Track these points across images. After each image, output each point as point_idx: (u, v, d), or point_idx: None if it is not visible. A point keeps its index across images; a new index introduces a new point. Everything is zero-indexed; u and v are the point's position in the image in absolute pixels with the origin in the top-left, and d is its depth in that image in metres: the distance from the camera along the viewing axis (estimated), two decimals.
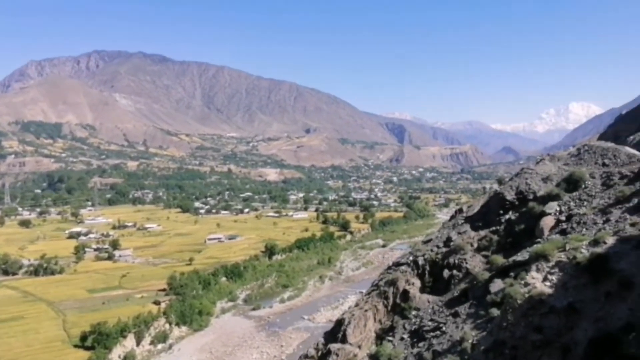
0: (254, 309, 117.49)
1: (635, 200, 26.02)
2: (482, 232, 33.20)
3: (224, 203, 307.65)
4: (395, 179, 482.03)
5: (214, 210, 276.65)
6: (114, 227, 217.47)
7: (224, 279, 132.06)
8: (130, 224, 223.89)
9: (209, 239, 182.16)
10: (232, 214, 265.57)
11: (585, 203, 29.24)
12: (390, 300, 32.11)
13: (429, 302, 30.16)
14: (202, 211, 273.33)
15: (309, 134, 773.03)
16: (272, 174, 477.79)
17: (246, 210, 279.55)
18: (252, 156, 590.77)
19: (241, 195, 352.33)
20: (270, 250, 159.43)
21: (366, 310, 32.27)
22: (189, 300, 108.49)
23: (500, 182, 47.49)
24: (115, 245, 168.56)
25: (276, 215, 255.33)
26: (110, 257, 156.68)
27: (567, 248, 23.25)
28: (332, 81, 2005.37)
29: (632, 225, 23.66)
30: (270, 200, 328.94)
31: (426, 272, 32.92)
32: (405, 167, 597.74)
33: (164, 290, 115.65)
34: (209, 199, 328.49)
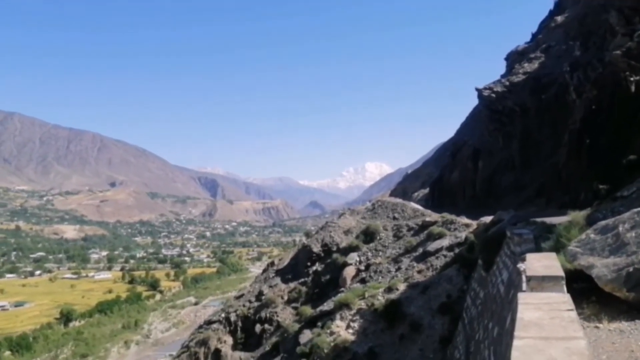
0: None
1: (420, 250, 29.62)
2: (292, 284, 34.37)
3: (10, 265, 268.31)
4: (208, 233, 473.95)
5: None
6: None
7: (7, 352, 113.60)
8: None
9: None
10: (20, 278, 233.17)
11: (381, 253, 32.34)
12: None
13: (241, 359, 29.85)
14: None
15: (114, 187, 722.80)
16: (70, 231, 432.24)
17: (38, 272, 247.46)
18: (46, 212, 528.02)
19: (32, 255, 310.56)
20: (66, 317, 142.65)
21: None
22: None
23: (307, 235, 50.12)
24: None
25: (74, 276, 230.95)
26: None
27: (366, 296, 25.31)
28: (140, 133, 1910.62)
29: (419, 272, 26.81)
30: (67, 261, 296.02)
31: (238, 328, 32.71)
32: (218, 221, 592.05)
33: None
34: None
